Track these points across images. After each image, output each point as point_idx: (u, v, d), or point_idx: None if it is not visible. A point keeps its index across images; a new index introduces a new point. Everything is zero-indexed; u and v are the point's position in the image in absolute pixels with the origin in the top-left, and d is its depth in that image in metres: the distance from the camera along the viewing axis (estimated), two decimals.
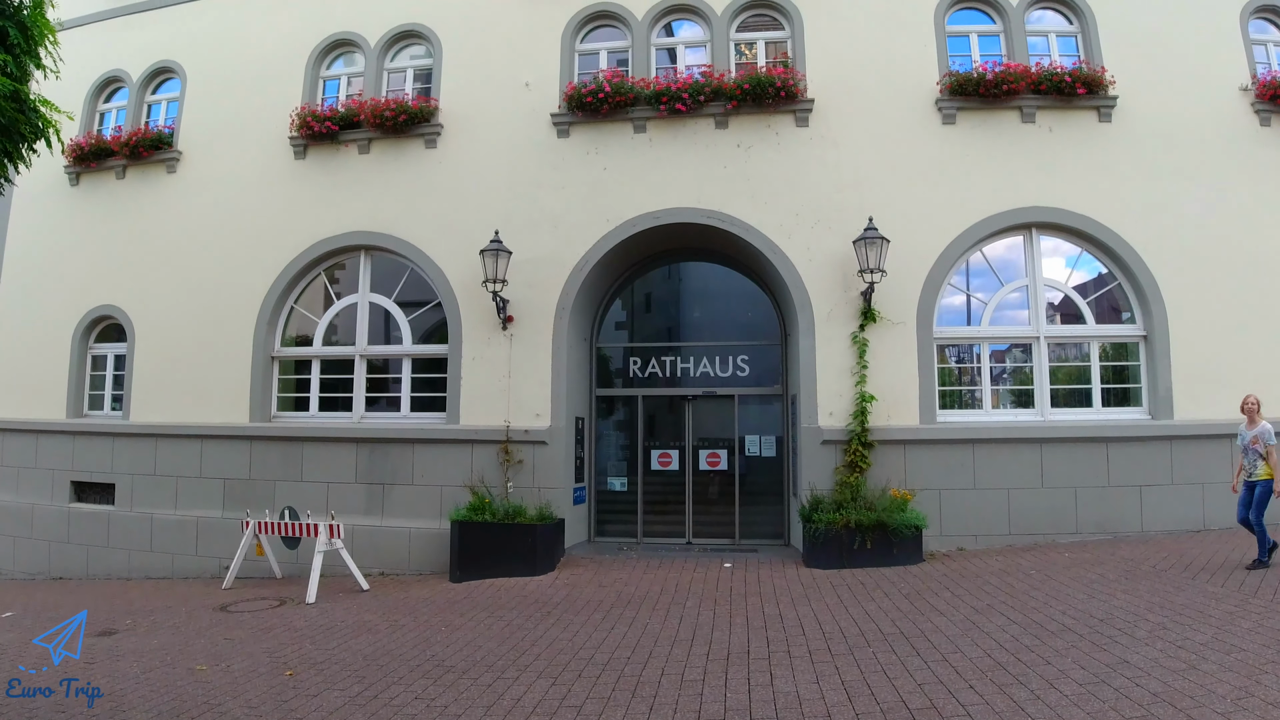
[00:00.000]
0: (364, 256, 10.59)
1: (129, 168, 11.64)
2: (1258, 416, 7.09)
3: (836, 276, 9.29)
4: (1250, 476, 6.99)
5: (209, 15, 11.69)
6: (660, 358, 10.69)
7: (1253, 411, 7.11)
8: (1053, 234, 9.54)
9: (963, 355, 9.85)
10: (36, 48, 6.74)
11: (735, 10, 10.12)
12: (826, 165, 9.55)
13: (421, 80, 10.87)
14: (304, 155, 10.76)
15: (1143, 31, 9.66)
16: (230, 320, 10.70)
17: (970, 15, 10.05)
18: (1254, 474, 6.96)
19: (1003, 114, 9.51)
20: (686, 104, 9.58)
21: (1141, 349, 9.31)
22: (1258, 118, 9.47)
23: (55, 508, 11.31)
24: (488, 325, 9.80)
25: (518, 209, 9.95)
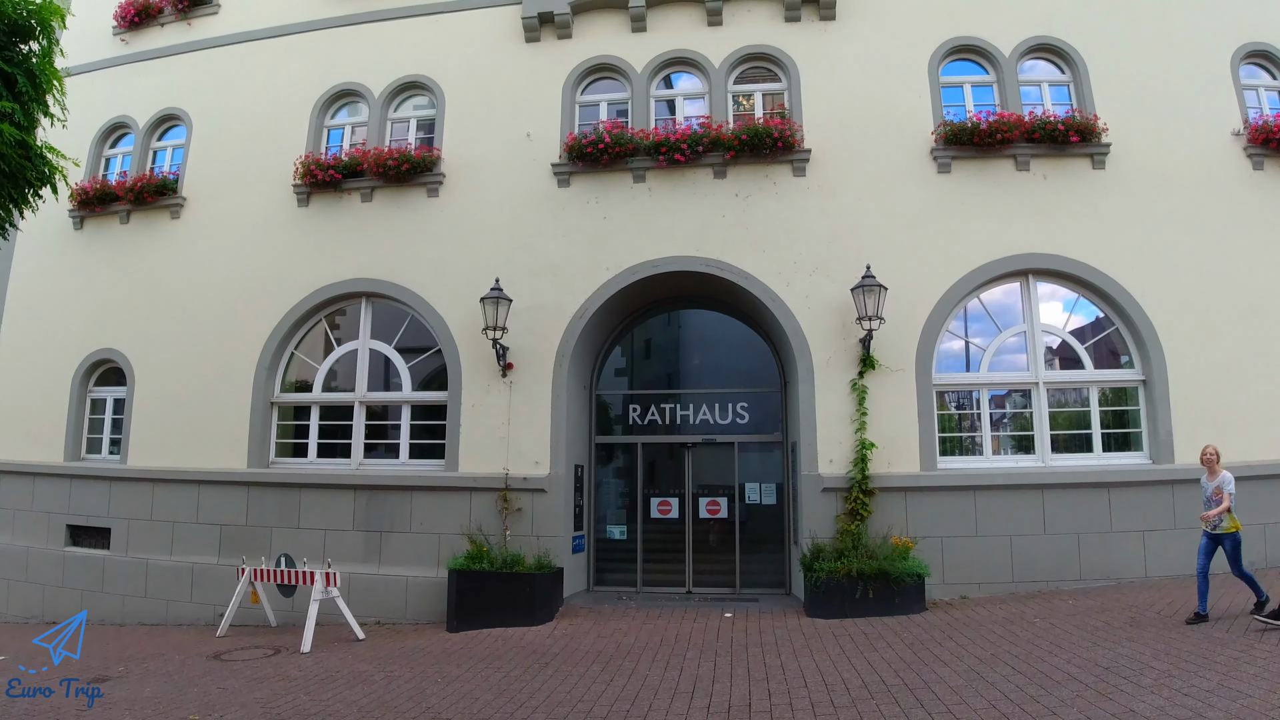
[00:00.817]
0: (365, 303, 10.79)
1: (133, 213, 11.90)
2: (1217, 467, 6.99)
3: (835, 323, 9.47)
4: (1214, 529, 6.87)
5: (216, 64, 12.09)
6: (660, 405, 10.82)
7: (1211, 462, 7.02)
8: (1049, 280, 9.74)
9: (962, 401, 9.96)
10: (44, 95, 7.04)
11: (733, 63, 10.49)
12: (824, 214, 9.81)
13: (424, 130, 11.22)
14: (307, 203, 11.04)
15: (1134, 79, 10.00)
16: (230, 365, 10.85)
17: (963, 66, 10.41)
18: (1219, 527, 6.84)
19: (997, 162, 9.79)
20: (685, 154, 9.88)
21: (1141, 393, 9.43)
22: (1250, 162, 9.75)
23: (51, 551, 11.33)
24: (487, 372, 9.96)
25: (519, 257, 10.18)
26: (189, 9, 12.43)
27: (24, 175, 6.99)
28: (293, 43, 11.76)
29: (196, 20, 12.43)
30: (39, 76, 6.89)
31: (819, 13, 10.39)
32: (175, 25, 12.55)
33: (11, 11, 6.42)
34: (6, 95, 6.48)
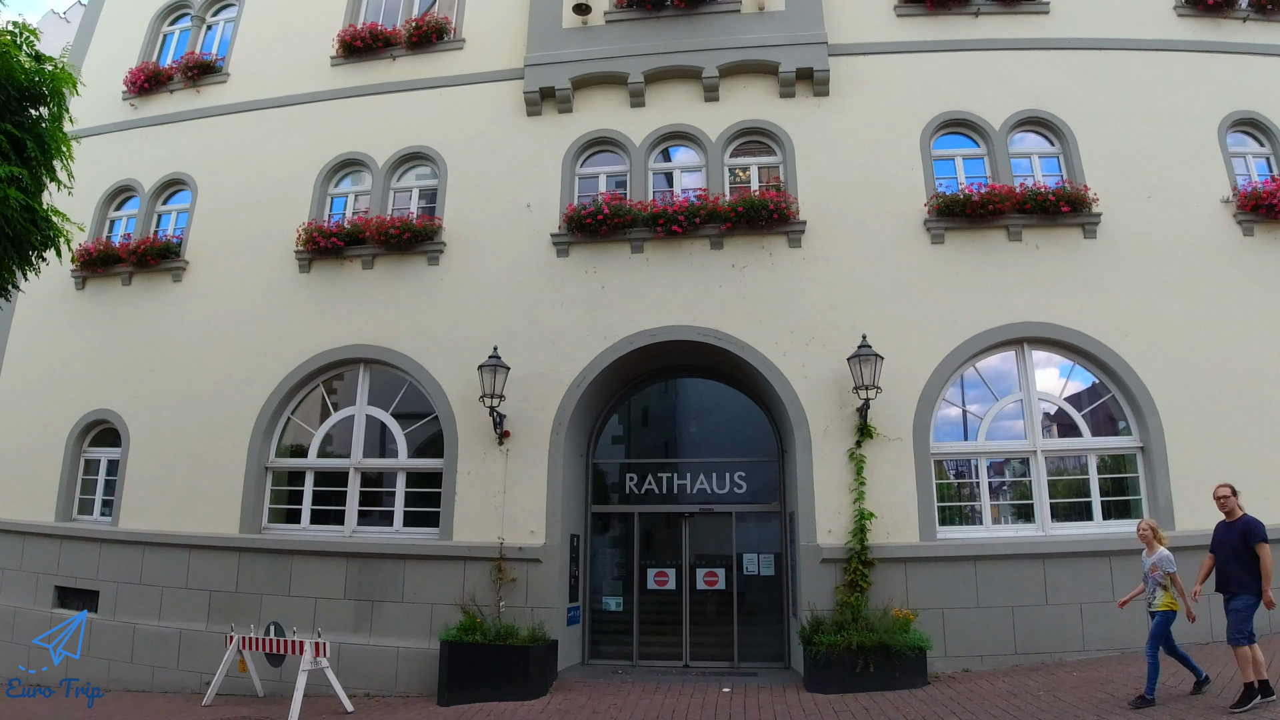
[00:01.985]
0: (363, 369, 10.92)
1: (135, 275, 12.10)
2: (1155, 543, 7.00)
3: (832, 393, 9.60)
4: (1150, 606, 6.89)
5: (223, 131, 12.46)
6: (657, 474, 10.87)
7: (1149, 539, 7.03)
8: (1044, 348, 9.91)
9: (961, 470, 10.00)
10: (52, 160, 7.27)
11: (729, 137, 10.86)
12: (820, 284, 10.03)
13: (426, 199, 11.52)
14: (308, 269, 11.27)
15: (1123, 149, 10.32)
16: (226, 429, 10.90)
17: (955, 139, 10.76)
18: (1153, 603, 6.85)
19: (990, 233, 10.05)
20: (682, 225, 10.14)
21: (1139, 460, 9.50)
22: (1240, 228, 10.01)
23: (37, 612, 11.18)
24: (484, 440, 10.03)
25: (517, 325, 10.36)
26: (198, 77, 12.88)
27: (29, 239, 7.16)
28: (299, 112, 12.16)
29: (205, 88, 12.86)
30: (48, 142, 7.09)
31: (813, 89, 10.80)
32: (184, 92, 12.98)
33: (23, 78, 6.67)
34: (15, 160, 6.68)
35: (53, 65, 6.95)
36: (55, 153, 7.17)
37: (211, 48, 13.44)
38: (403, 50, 12.10)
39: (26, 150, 6.80)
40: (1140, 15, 11.16)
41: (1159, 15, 11.19)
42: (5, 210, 6.41)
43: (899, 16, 11.20)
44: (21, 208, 6.58)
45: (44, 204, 7.16)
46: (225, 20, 13.61)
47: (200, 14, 13.74)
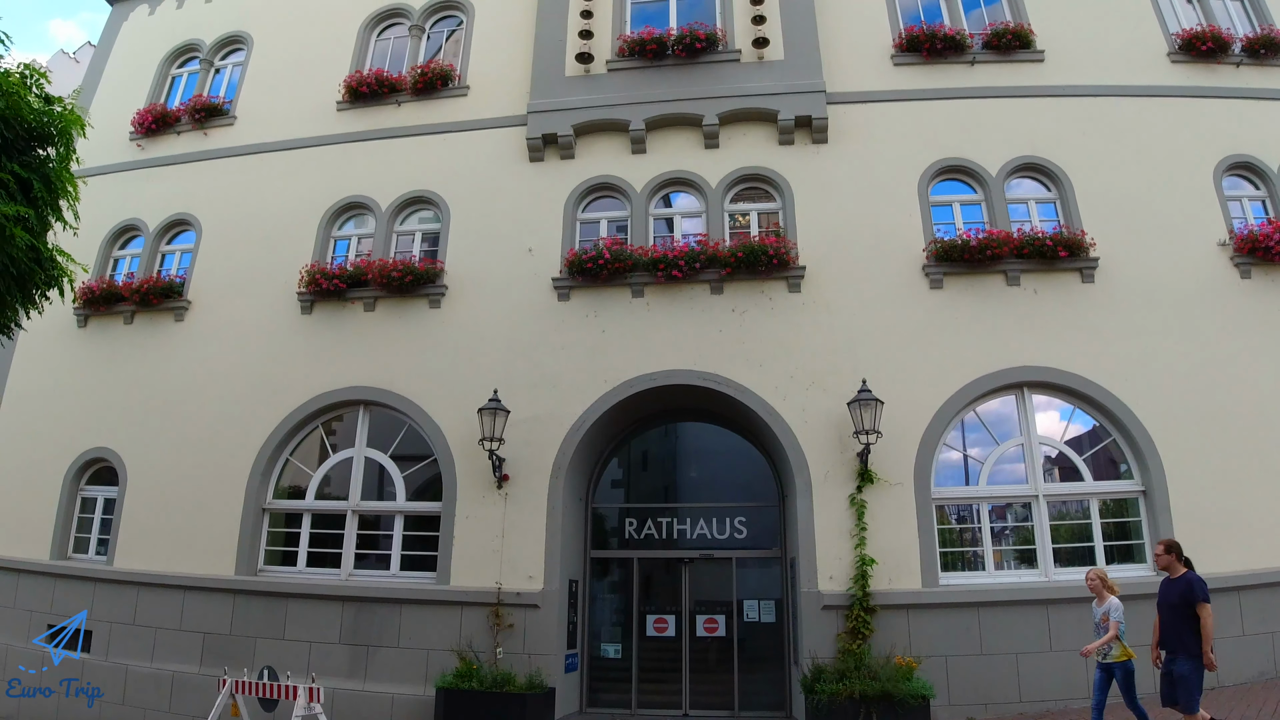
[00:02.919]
0: (363, 411, 10.94)
1: (138, 314, 12.15)
2: (1105, 592, 6.93)
3: (832, 437, 9.61)
4: (1104, 658, 6.80)
5: (229, 172, 12.63)
6: (657, 518, 10.83)
7: (1098, 588, 6.96)
8: (1044, 392, 9.92)
9: (963, 514, 9.98)
10: (58, 200, 7.35)
11: (729, 183, 11.01)
12: (819, 329, 10.09)
13: (429, 242, 11.64)
14: (310, 311, 11.35)
15: (1119, 194, 10.45)
16: (224, 469, 10.89)
17: (952, 186, 10.90)
18: (1108, 656, 6.77)
19: (988, 278, 10.15)
20: (683, 270, 10.25)
21: (1141, 504, 9.46)
22: (1238, 271, 10.09)
23: (30, 651, 10.89)
24: (483, 483, 10.02)
25: (517, 369, 10.41)
26: (205, 119, 13.10)
27: (33, 278, 7.21)
28: (304, 156, 12.35)
29: (212, 130, 13.08)
30: (54, 182, 7.16)
31: (811, 136, 10.99)
32: (191, 134, 13.18)
33: (31, 118, 6.71)
34: (21, 199, 6.76)
35: (61, 106, 7.02)
36: (62, 193, 7.24)
37: (219, 91, 13.68)
38: (408, 96, 12.34)
39: (33, 190, 6.85)
40: (1134, 62, 11.39)
41: (1153, 61, 11.42)
42: (10, 250, 6.44)
43: (896, 65, 11.46)
44: (26, 247, 6.64)
45: (49, 243, 7.22)
46: (233, 64, 13.88)
47: (209, 57, 14.02)
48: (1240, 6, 12.28)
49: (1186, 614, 6.41)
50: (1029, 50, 11.43)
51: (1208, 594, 6.47)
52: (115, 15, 15.32)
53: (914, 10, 12.14)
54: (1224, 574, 8.63)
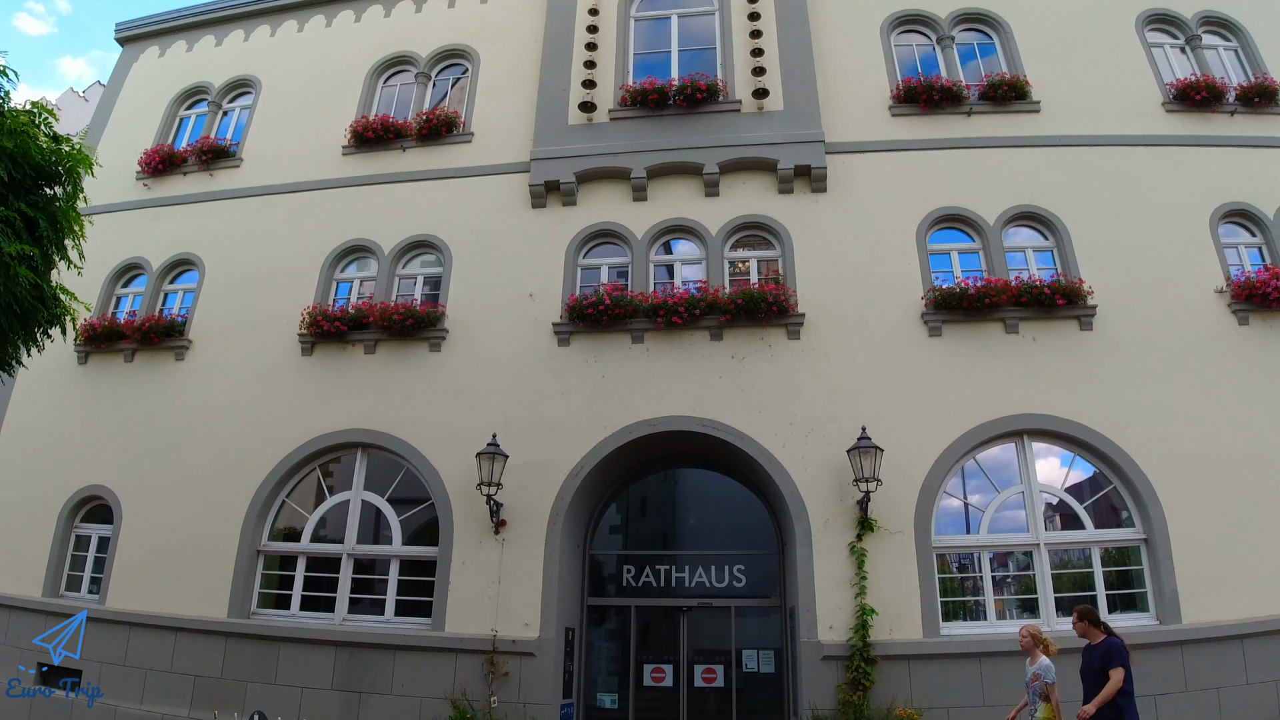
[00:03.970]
0: (361, 454, 10.92)
1: (138, 352, 12.17)
2: (1037, 652, 6.87)
3: (832, 485, 9.60)
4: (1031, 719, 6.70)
5: (233, 214, 12.77)
6: (655, 566, 10.75)
7: (1030, 647, 6.90)
8: (1044, 439, 9.91)
9: (964, 563, 9.92)
10: (64, 239, 7.41)
11: (729, 231, 11.14)
12: (819, 376, 10.13)
13: (430, 285, 11.72)
14: (311, 352, 11.39)
15: (1116, 243, 10.55)
16: (220, 510, 10.82)
17: (950, 234, 11.02)
18: (1035, 717, 6.70)
19: (987, 326, 10.21)
20: (683, 317, 10.32)
21: (1143, 552, 9.40)
22: (1236, 318, 10.14)
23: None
24: (480, 529, 9.97)
25: (517, 413, 10.42)
26: (212, 160, 13.27)
27: (36, 316, 7.24)
28: (309, 199, 12.51)
29: (218, 171, 13.25)
30: (61, 221, 7.20)
31: (810, 185, 11.15)
32: (197, 175, 13.35)
33: (39, 157, 6.72)
34: (27, 238, 6.81)
35: (70, 146, 7.07)
36: (67, 232, 7.27)
37: (226, 133, 13.88)
38: (413, 142, 12.55)
39: (39, 229, 6.89)
40: (1129, 112, 11.59)
41: (1147, 111, 11.62)
42: (14, 288, 6.49)
43: (894, 116, 11.66)
44: (30, 285, 6.67)
45: (53, 282, 7.26)
46: (241, 107, 14.12)
47: (217, 100, 14.26)
48: (1234, 56, 12.52)
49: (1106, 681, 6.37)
50: (1025, 101, 11.64)
51: (1126, 660, 6.47)
52: (126, 56, 15.62)
53: (911, 62, 12.42)
54: (1228, 622, 8.65)
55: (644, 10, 13.14)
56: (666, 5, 13.10)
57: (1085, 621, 6.78)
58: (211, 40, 15.05)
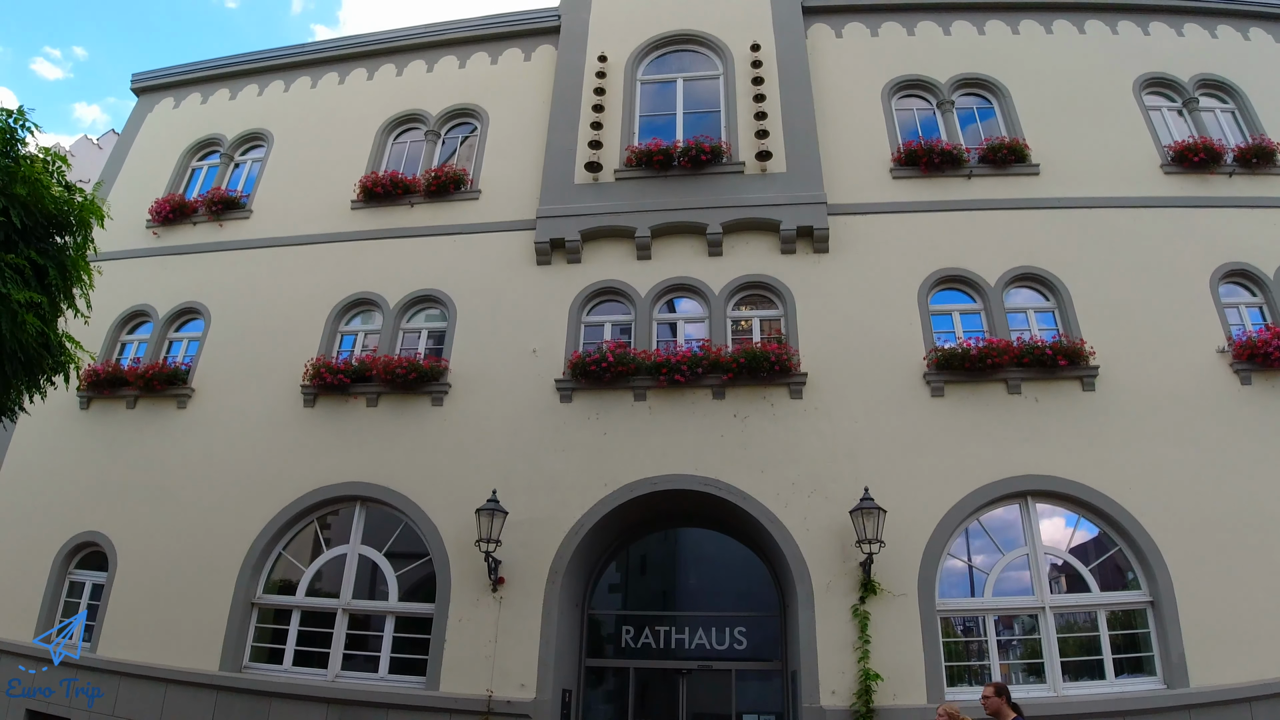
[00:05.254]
0: (359, 507, 10.91)
1: (140, 399, 12.25)
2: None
3: (835, 546, 9.55)
4: None
5: (241, 265, 12.99)
6: (654, 626, 10.65)
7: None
8: (1048, 501, 9.88)
9: (969, 626, 9.83)
10: (72, 288, 7.49)
11: (731, 290, 11.29)
12: (821, 435, 10.16)
13: (434, 339, 11.85)
14: (313, 404, 11.46)
15: (1117, 303, 10.67)
16: (216, 561, 10.76)
17: (952, 295, 11.16)
18: None
19: (989, 386, 10.27)
20: (685, 375, 10.39)
21: (1149, 614, 9.30)
22: (1238, 377, 10.19)
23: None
24: (477, 586, 9.90)
25: (517, 469, 10.44)
26: (222, 211, 13.55)
27: (40, 364, 7.28)
28: (317, 251, 12.73)
29: (228, 222, 13.53)
30: (70, 269, 7.29)
31: (813, 246, 11.34)
32: (207, 225, 13.62)
33: (51, 206, 6.84)
34: (36, 286, 6.90)
35: (83, 196, 7.18)
36: (76, 281, 7.35)
37: (237, 184, 14.19)
38: (421, 198, 12.82)
39: (48, 276, 6.97)
40: (1128, 174, 11.83)
41: (1146, 173, 11.86)
42: (21, 335, 6.56)
43: (895, 178, 11.93)
44: (37, 333, 6.73)
45: (59, 329, 7.32)
46: (253, 160, 14.47)
47: (229, 152, 14.61)
48: (1231, 118, 12.82)
49: None
50: (1024, 164, 11.90)
51: None
52: (141, 106, 16.04)
53: (912, 125, 12.74)
54: (1235, 685, 8.54)
55: (650, 73, 13.57)
56: (672, 69, 13.54)
57: (1001, 698, 6.68)
58: (226, 93, 15.49)
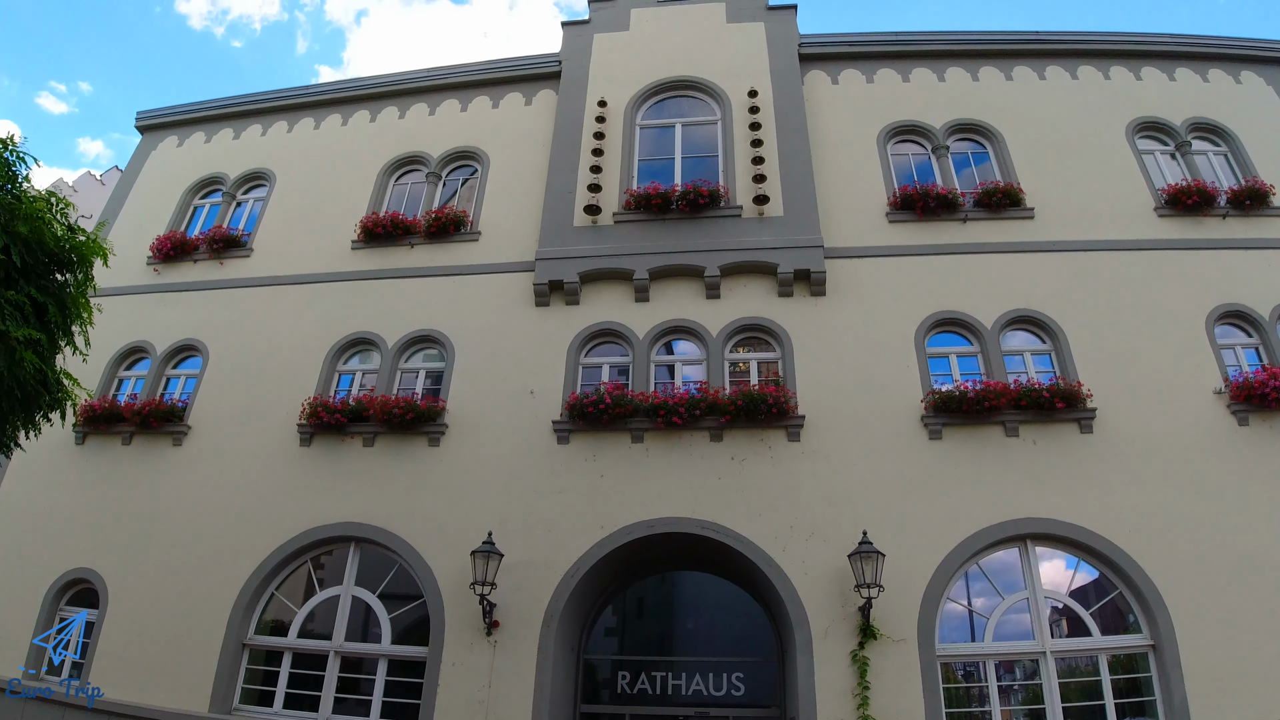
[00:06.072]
0: (353, 548, 10.84)
1: (136, 435, 12.20)
2: None
3: (833, 591, 9.49)
4: None
5: (240, 303, 13.07)
6: (651, 672, 10.55)
7: None
8: (1047, 544, 9.85)
9: (969, 671, 9.75)
10: (71, 325, 7.53)
11: (729, 333, 11.38)
12: (819, 479, 10.16)
13: (432, 379, 11.89)
14: (309, 443, 11.45)
15: (1113, 346, 10.76)
16: (207, 601, 10.64)
17: (948, 338, 11.25)
18: None
19: (987, 429, 10.30)
20: (683, 417, 10.42)
21: (1151, 658, 9.21)
22: (1235, 419, 10.23)
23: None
24: (472, 629, 9.81)
25: (514, 511, 10.41)
26: (223, 250, 13.67)
27: (38, 400, 7.29)
28: (316, 290, 12.83)
29: (229, 260, 13.64)
30: (70, 307, 7.33)
31: (810, 289, 11.47)
32: (207, 263, 13.72)
33: (53, 244, 6.92)
34: (35, 323, 6.92)
35: (85, 235, 7.25)
36: (75, 318, 7.41)
37: (239, 223, 14.35)
38: (421, 239, 12.97)
39: (48, 314, 7.01)
40: (1122, 217, 12.00)
41: (1140, 216, 12.03)
42: (18, 372, 6.57)
43: (891, 222, 12.11)
44: (35, 370, 6.75)
45: (57, 366, 7.34)
46: (255, 199, 14.64)
47: (232, 190, 14.79)
48: (1224, 160, 13.04)
49: None
50: (1019, 208, 12.08)
51: None
52: (145, 143, 16.27)
53: (907, 170, 12.97)
54: None
55: (649, 118, 13.84)
56: (671, 114, 13.82)
57: None
58: (230, 133, 15.73)
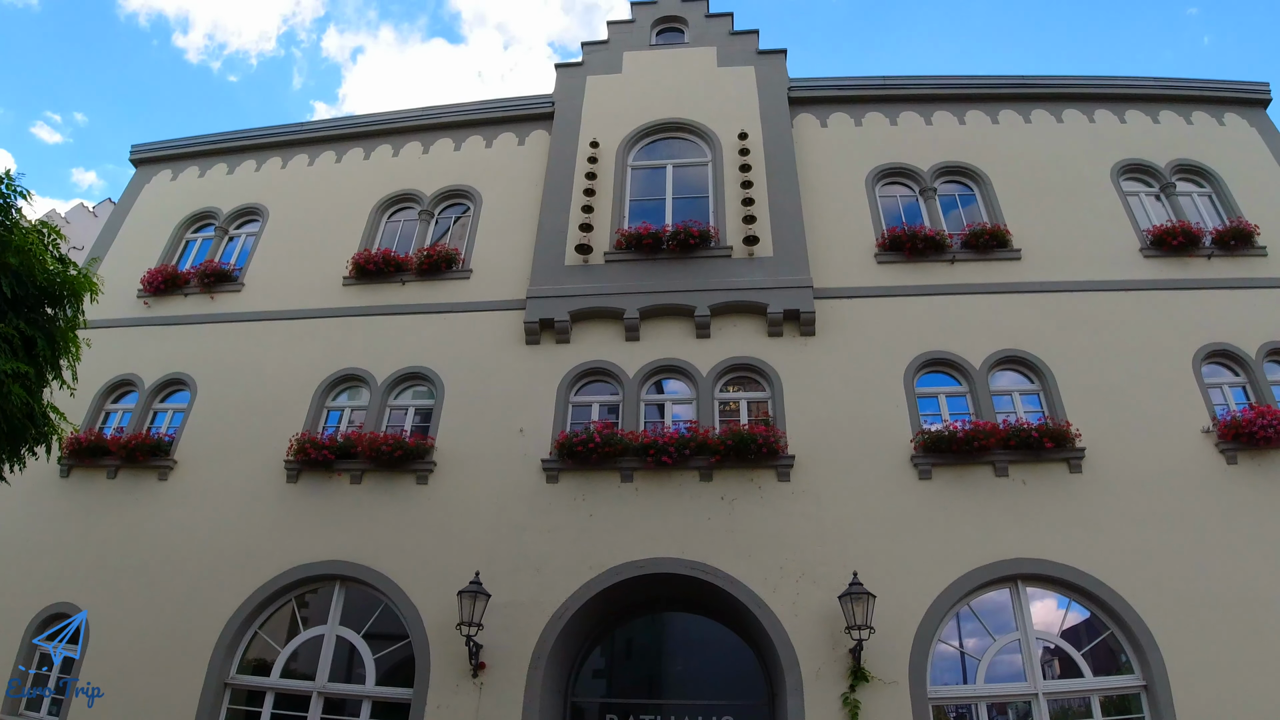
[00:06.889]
0: (338, 587, 10.73)
1: (122, 469, 12.11)
2: None
3: (824, 633, 9.45)
4: None
5: (230, 338, 13.08)
6: (640, 715, 10.37)
7: None
8: (1038, 584, 9.86)
9: (961, 713, 9.69)
10: (59, 359, 7.52)
11: (719, 372, 11.45)
12: (809, 519, 10.17)
13: (421, 416, 11.90)
14: (296, 480, 11.39)
15: (1101, 385, 10.87)
16: (189, 638, 10.48)
17: (937, 378, 11.36)
18: None
19: (976, 469, 10.35)
20: (673, 456, 10.44)
21: (1144, 699, 9.17)
22: (1224, 457, 10.31)
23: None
24: (458, 671, 9.69)
25: (501, 551, 10.35)
26: (214, 284, 13.72)
27: (24, 434, 7.24)
28: (307, 326, 12.86)
29: (220, 294, 13.69)
30: (59, 340, 7.32)
31: (799, 329, 11.57)
32: (198, 297, 13.76)
33: (43, 279, 6.94)
34: (24, 356, 6.91)
35: (76, 270, 7.28)
36: (64, 352, 7.40)
37: (230, 257, 14.43)
38: (412, 276, 13.06)
39: (36, 347, 6.99)
40: (1107, 259, 12.21)
41: (1126, 258, 12.25)
42: (5, 405, 6.53)
43: (880, 263, 12.28)
44: (22, 404, 6.72)
45: (44, 400, 7.31)
46: (247, 234, 14.74)
47: (224, 225, 14.88)
48: (1208, 201, 13.30)
49: None
50: (1006, 249, 12.28)
51: None
52: (139, 176, 16.38)
53: (895, 211, 13.20)
54: None
55: (641, 159, 14.06)
56: (662, 155, 14.06)
57: None
58: (224, 168, 15.89)
